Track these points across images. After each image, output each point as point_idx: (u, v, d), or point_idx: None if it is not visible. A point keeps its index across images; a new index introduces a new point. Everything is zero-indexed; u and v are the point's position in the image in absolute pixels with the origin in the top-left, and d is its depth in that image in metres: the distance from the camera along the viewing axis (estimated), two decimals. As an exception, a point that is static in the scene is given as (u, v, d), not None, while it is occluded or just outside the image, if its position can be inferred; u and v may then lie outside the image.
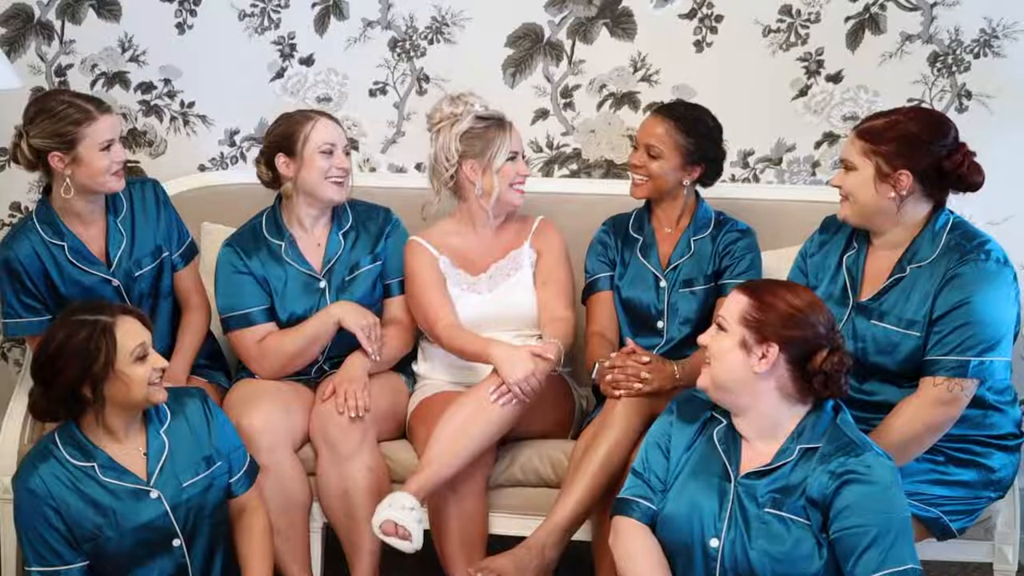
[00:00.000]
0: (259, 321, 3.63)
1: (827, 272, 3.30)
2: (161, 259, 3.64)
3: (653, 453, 2.96)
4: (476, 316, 3.60)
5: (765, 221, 3.84)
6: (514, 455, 3.55)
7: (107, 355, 2.95)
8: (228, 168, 4.32)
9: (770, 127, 4.12)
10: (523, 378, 3.37)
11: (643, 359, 3.42)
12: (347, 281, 3.66)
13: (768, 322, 2.81)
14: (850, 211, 3.19)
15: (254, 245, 3.66)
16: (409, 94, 4.23)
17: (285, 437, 3.49)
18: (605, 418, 3.37)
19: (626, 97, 4.17)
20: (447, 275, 3.64)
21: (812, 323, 2.81)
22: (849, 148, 3.18)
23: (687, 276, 3.64)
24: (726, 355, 2.83)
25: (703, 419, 2.96)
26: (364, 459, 3.48)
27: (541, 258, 3.67)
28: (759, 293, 2.85)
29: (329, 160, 3.60)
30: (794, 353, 2.81)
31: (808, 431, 2.83)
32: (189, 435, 3.11)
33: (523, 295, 3.65)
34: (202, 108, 4.32)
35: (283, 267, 3.64)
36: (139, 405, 3.04)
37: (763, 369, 2.81)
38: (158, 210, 3.65)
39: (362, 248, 3.70)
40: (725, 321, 2.85)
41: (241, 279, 3.65)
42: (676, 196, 3.67)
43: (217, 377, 3.76)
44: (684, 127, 3.58)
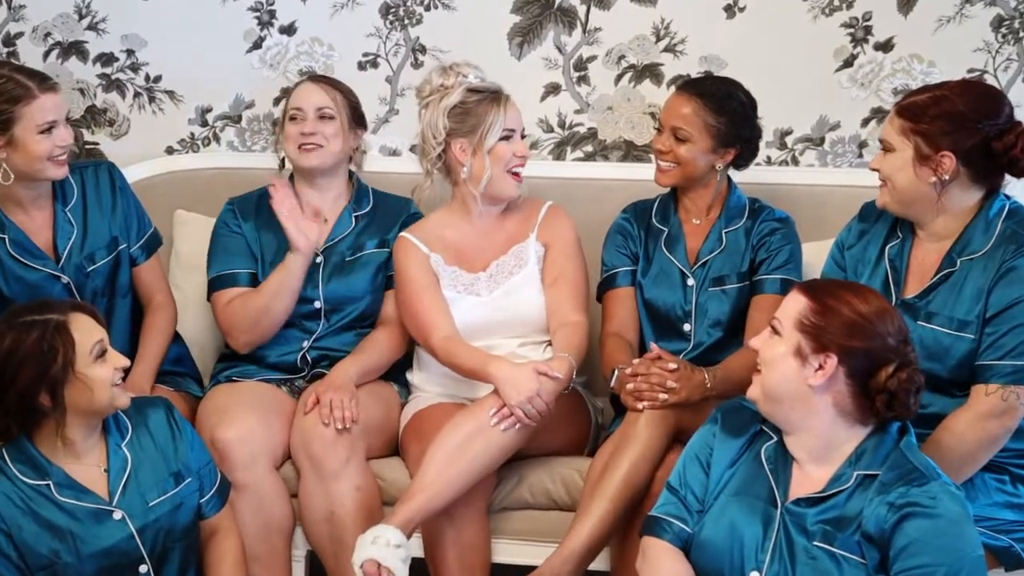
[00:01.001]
0: (241, 284, 3.71)
1: (867, 266, 3.30)
2: (118, 252, 3.64)
3: (692, 467, 2.96)
4: (476, 321, 3.58)
5: (806, 209, 3.84)
6: (522, 474, 3.55)
7: (65, 355, 2.95)
8: (199, 151, 4.33)
9: (811, 103, 4.12)
10: (526, 400, 3.35)
11: (669, 366, 3.39)
12: (347, 262, 3.73)
13: (827, 329, 2.78)
14: (888, 197, 3.20)
15: (255, 208, 3.76)
16: (403, 67, 4.23)
17: (265, 452, 3.50)
18: (626, 432, 3.35)
19: (648, 70, 4.17)
20: (440, 275, 3.61)
21: (879, 333, 2.78)
22: (888, 127, 3.18)
23: (718, 273, 3.63)
24: (778, 363, 2.81)
25: (751, 433, 2.94)
26: (352, 478, 3.49)
27: (549, 252, 3.63)
28: (820, 295, 2.82)
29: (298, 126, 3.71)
30: (855, 366, 2.78)
31: (868, 456, 2.81)
32: (154, 449, 3.12)
33: (529, 296, 3.62)
34: (170, 83, 4.33)
35: (279, 235, 3.69)
36: (102, 412, 3.05)
37: (819, 382, 2.79)
38: (114, 197, 3.64)
39: (371, 232, 3.77)
40: (780, 324, 2.83)
41: (232, 239, 3.75)
42: (707, 183, 3.67)
43: (186, 384, 3.78)
44: (714, 105, 3.57)
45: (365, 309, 3.76)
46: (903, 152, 3.14)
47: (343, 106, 3.75)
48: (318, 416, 3.50)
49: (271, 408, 3.60)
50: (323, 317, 3.74)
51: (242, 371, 3.74)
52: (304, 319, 3.74)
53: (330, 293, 3.73)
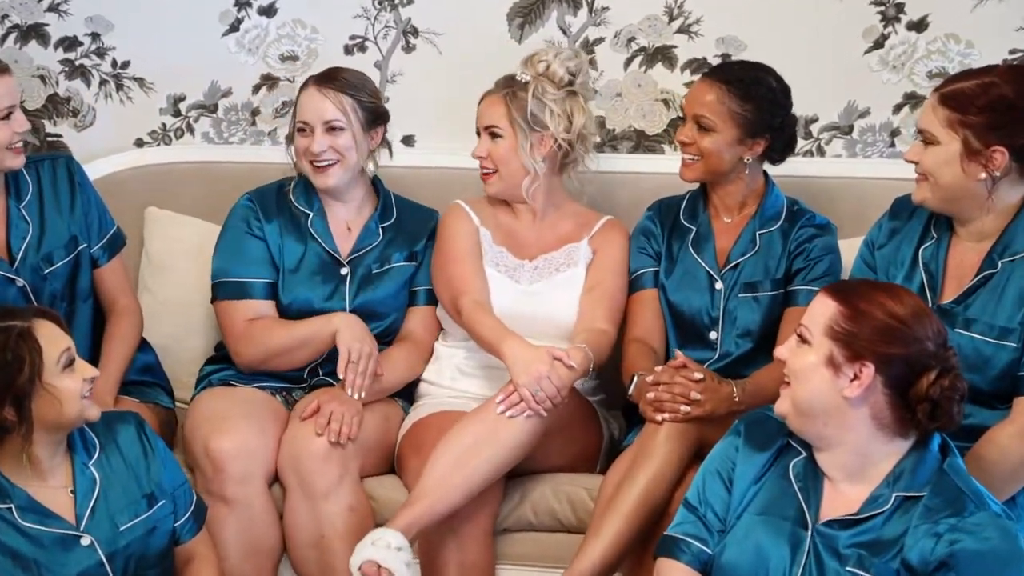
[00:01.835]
0: (256, 296, 3.71)
1: (900, 268, 3.30)
2: (77, 252, 3.64)
3: (712, 483, 2.96)
4: (506, 308, 3.63)
5: (832, 204, 3.85)
6: (525, 491, 3.55)
7: (32, 365, 2.93)
8: (172, 143, 4.32)
9: (838, 88, 4.11)
10: (534, 379, 3.37)
11: (695, 376, 3.39)
12: (374, 275, 3.76)
13: (862, 335, 2.77)
14: (929, 193, 3.19)
15: (277, 207, 3.76)
16: (393, 51, 4.22)
17: (260, 466, 3.51)
18: (643, 445, 3.35)
19: (660, 53, 4.16)
20: (486, 251, 3.71)
21: (917, 337, 2.77)
22: (930, 116, 3.16)
23: (750, 278, 3.64)
24: (809, 374, 2.80)
25: (777, 447, 2.93)
26: (344, 497, 3.49)
27: (596, 259, 3.73)
28: (851, 298, 2.81)
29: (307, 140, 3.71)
30: (894, 375, 2.77)
31: (908, 475, 2.81)
32: (124, 469, 3.11)
33: (568, 298, 3.69)
34: (139, 69, 4.30)
35: (303, 240, 3.74)
36: (70, 425, 3.03)
37: (855, 394, 2.77)
38: (72, 193, 3.64)
39: (398, 244, 3.80)
40: (808, 331, 2.82)
41: (250, 242, 3.73)
42: (736, 177, 3.66)
43: (154, 395, 3.77)
44: (739, 91, 3.57)
45: (390, 325, 3.78)
46: (949, 145, 3.13)
47: (355, 111, 3.71)
48: (312, 428, 3.50)
49: (267, 419, 3.60)
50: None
51: (238, 375, 3.74)
52: None
53: (357, 306, 3.73)
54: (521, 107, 3.64)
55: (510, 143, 3.66)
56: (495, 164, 3.68)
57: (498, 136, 3.67)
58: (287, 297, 3.71)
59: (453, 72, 4.15)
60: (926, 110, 3.19)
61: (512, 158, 3.67)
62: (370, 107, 3.74)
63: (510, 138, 3.66)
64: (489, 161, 3.69)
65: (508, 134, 3.66)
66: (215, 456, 3.44)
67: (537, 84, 3.64)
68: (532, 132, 3.64)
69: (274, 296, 3.72)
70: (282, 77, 4.26)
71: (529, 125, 3.64)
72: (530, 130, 3.64)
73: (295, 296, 3.71)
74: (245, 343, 3.68)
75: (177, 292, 3.93)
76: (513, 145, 3.66)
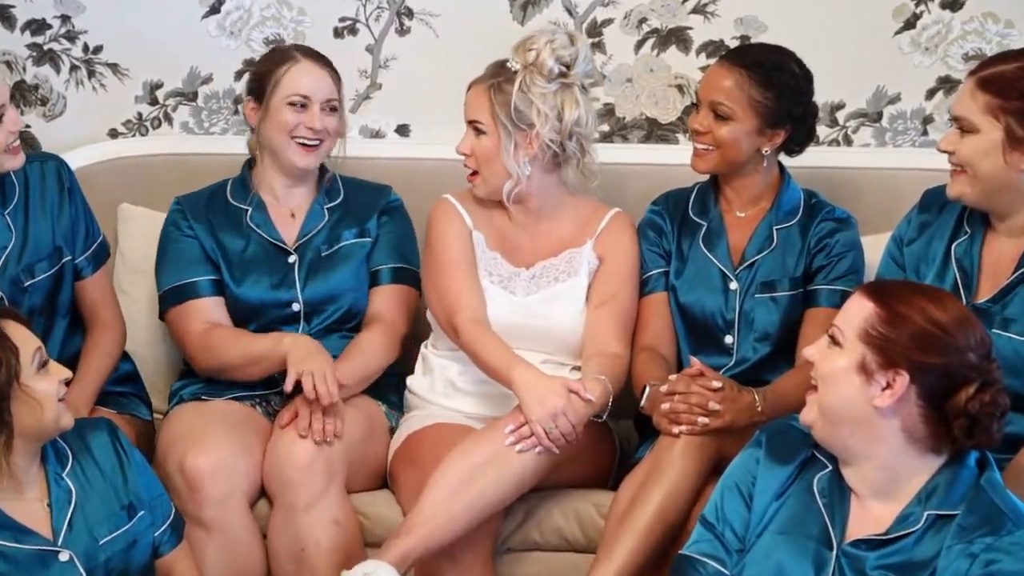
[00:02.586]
0: (202, 294, 3.73)
1: (931, 265, 3.31)
2: (61, 265, 3.64)
3: (731, 499, 2.95)
4: (502, 322, 3.59)
5: (860, 197, 3.86)
6: (530, 509, 3.55)
7: (9, 365, 2.93)
8: (148, 134, 4.31)
9: (866, 72, 4.12)
10: (549, 416, 3.35)
11: (712, 385, 3.39)
12: (324, 257, 3.75)
13: (898, 341, 2.75)
14: (968, 187, 3.20)
15: (207, 207, 3.79)
16: (387, 34, 4.22)
17: (241, 486, 3.50)
18: (658, 460, 3.35)
19: (673, 35, 4.17)
20: (479, 257, 3.66)
21: (958, 347, 2.75)
22: (967, 102, 3.16)
23: (767, 277, 3.64)
24: (839, 379, 2.79)
25: (801, 460, 2.93)
26: (329, 509, 3.48)
27: (604, 267, 3.68)
28: (889, 299, 2.80)
29: (299, 116, 3.71)
30: (930, 385, 2.76)
31: (941, 492, 2.80)
32: (101, 479, 3.10)
33: (570, 310, 3.65)
34: (113, 54, 4.28)
35: (244, 235, 3.76)
36: (48, 433, 3.02)
37: (886, 403, 2.76)
38: (61, 199, 3.64)
39: (347, 224, 3.80)
40: (840, 333, 2.80)
41: (184, 244, 3.76)
42: (753, 170, 3.66)
43: (132, 406, 3.76)
44: (760, 78, 3.56)
45: (349, 308, 3.76)
46: (990, 134, 3.13)
47: (342, 96, 3.78)
48: (293, 435, 3.49)
49: (248, 434, 3.59)
50: (303, 320, 3.74)
51: (210, 388, 3.74)
52: (282, 324, 3.73)
53: (310, 293, 3.74)
54: (505, 102, 3.53)
55: (493, 142, 3.56)
56: (478, 164, 3.60)
57: (482, 132, 3.58)
58: (236, 287, 3.73)
59: (451, 56, 4.13)
60: (962, 95, 3.18)
61: (494, 159, 3.57)
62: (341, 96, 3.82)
63: (493, 136, 3.56)
64: (472, 160, 3.61)
65: (491, 131, 3.56)
66: (191, 475, 3.43)
67: (525, 76, 3.53)
68: (517, 130, 3.54)
69: (221, 292, 3.74)
70: None
71: (513, 123, 3.53)
72: (515, 128, 3.54)
73: (242, 290, 3.73)
74: (201, 352, 3.70)
75: (154, 295, 3.85)
76: (496, 145, 3.56)
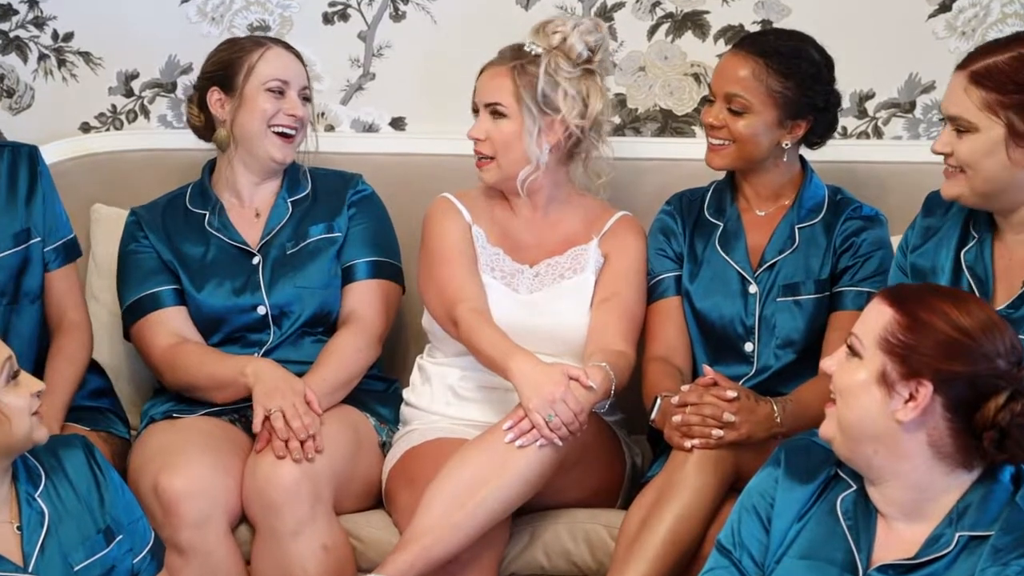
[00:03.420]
0: (164, 303, 3.74)
1: (940, 273, 3.31)
2: (28, 246, 3.64)
3: (748, 522, 2.94)
4: (504, 322, 3.61)
5: (890, 193, 3.87)
6: (535, 531, 3.56)
7: None
8: (123, 128, 4.30)
9: (898, 58, 4.14)
10: (547, 403, 3.35)
11: (727, 395, 3.39)
12: (290, 256, 3.78)
13: (920, 349, 2.73)
14: (966, 188, 3.20)
15: (163, 216, 3.81)
16: (380, 20, 4.22)
17: (220, 509, 3.50)
18: (671, 478, 3.35)
19: (689, 19, 4.17)
20: (480, 253, 3.69)
21: (986, 354, 2.73)
22: (961, 99, 3.17)
23: (789, 279, 3.64)
24: (857, 392, 2.77)
25: (823, 478, 2.92)
26: (317, 534, 3.48)
27: (608, 266, 3.71)
28: (909, 305, 2.78)
29: (277, 102, 3.72)
30: (956, 396, 2.74)
31: (974, 511, 2.78)
32: (75, 501, 3.09)
33: (575, 309, 3.67)
34: (84, 42, 4.27)
35: (203, 240, 3.79)
36: (18, 449, 3.01)
37: (909, 417, 2.74)
38: (31, 185, 3.65)
39: (314, 218, 3.83)
40: (859, 342, 2.79)
41: (141, 256, 3.79)
42: (773, 165, 3.66)
43: (107, 423, 3.74)
44: (779, 66, 3.57)
45: (319, 308, 3.76)
46: (989, 131, 3.13)
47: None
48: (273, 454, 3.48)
49: (227, 452, 3.58)
50: (272, 324, 3.75)
51: (181, 405, 3.74)
52: (248, 331, 3.76)
53: (277, 295, 3.75)
54: (531, 84, 3.59)
55: (515, 126, 3.60)
56: (494, 149, 3.63)
57: (502, 116, 3.62)
58: (196, 299, 3.74)
59: (450, 44, 4.13)
60: (954, 92, 3.18)
61: (515, 144, 3.62)
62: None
63: (515, 120, 3.60)
64: (488, 145, 3.63)
65: (513, 114, 3.60)
66: (166, 496, 3.42)
67: (550, 59, 3.59)
68: (542, 115, 3.58)
69: (184, 302, 3.75)
70: None
71: (539, 107, 3.59)
72: (540, 113, 3.58)
73: (203, 297, 3.74)
74: (168, 370, 3.72)
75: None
76: (518, 129, 3.61)
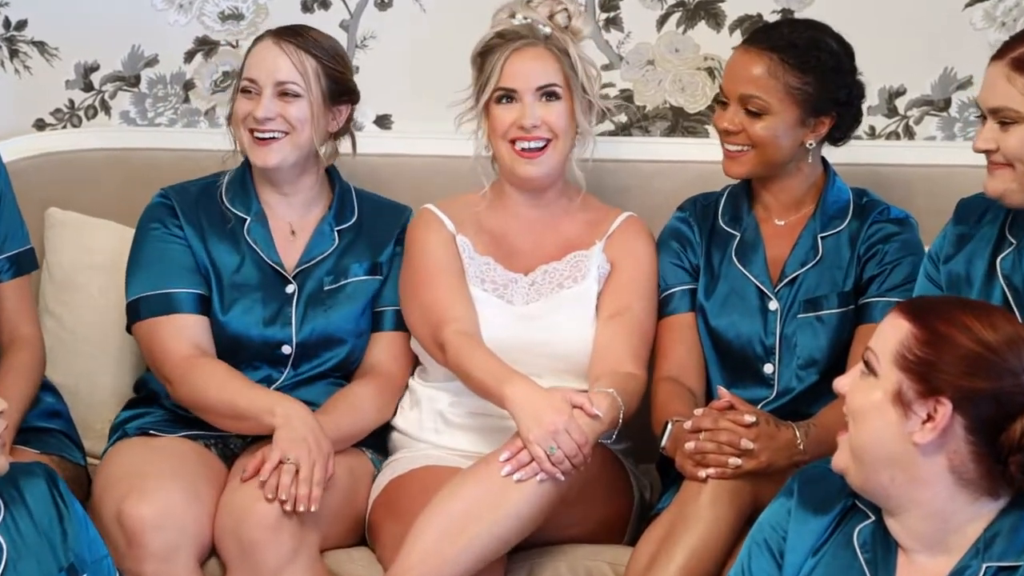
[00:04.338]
0: (185, 309, 3.70)
1: (973, 285, 3.34)
2: None
3: (759, 557, 2.92)
4: (498, 339, 3.61)
5: (922, 198, 3.87)
6: (534, 567, 3.54)
7: None
8: (82, 125, 4.28)
9: (931, 52, 4.13)
10: (548, 434, 3.33)
11: (745, 419, 3.38)
12: (327, 292, 3.76)
13: (939, 365, 2.71)
14: (1014, 183, 3.22)
15: (200, 204, 3.78)
16: (365, 7, 4.22)
17: (189, 538, 3.47)
18: (684, 510, 3.34)
19: (703, 8, 4.18)
20: (467, 265, 3.69)
21: (1011, 370, 2.71)
22: (1005, 89, 3.19)
23: (812, 294, 3.65)
24: (870, 414, 2.75)
25: (839, 509, 2.89)
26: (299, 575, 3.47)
27: (615, 275, 3.69)
28: (928, 318, 2.76)
29: (249, 103, 3.72)
30: (979, 417, 2.71)
31: (1002, 541, 2.75)
32: (35, 535, 3.04)
33: (577, 320, 3.67)
34: (39, 31, 4.26)
35: (238, 250, 3.76)
36: None
37: (927, 439, 2.71)
38: None
39: (358, 253, 3.81)
40: (874, 358, 2.76)
41: (170, 246, 3.74)
42: (796, 169, 3.68)
43: (60, 446, 3.72)
44: (796, 60, 3.57)
45: (345, 358, 3.77)
46: None
47: (318, 76, 3.71)
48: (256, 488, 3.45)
49: (200, 477, 3.57)
50: (290, 366, 3.74)
51: (159, 422, 3.73)
52: (266, 362, 3.75)
53: (307, 335, 3.74)
54: (571, 64, 3.63)
55: (567, 107, 3.65)
56: (553, 131, 3.63)
57: (557, 98, 3.65)
58: (219, 319, 3.71)
59: (440, 34, 4.10)
60: (994, 84, 3.19)
61: (570, 127, 3.66)
62: (337, 76, 3.73)
63: (567, 101, 3.65)
64: (544, 129, 3.63)
65: (566, 95, 3.65)
66: (131, 524, 3.38)
67: (568, 38, 3.65)
68: (584, 94, 3.66)
69: (207, 312, 3.71)
70: (222, 41, 4.18)
71: (582, 85, 3.65)
72: (582, 91, 3.66)
73: (228, 319, 3.71)
74: (181, 381, 3.65)
75: (88, 317, 3.87)
76: (571, 109, 3.65)
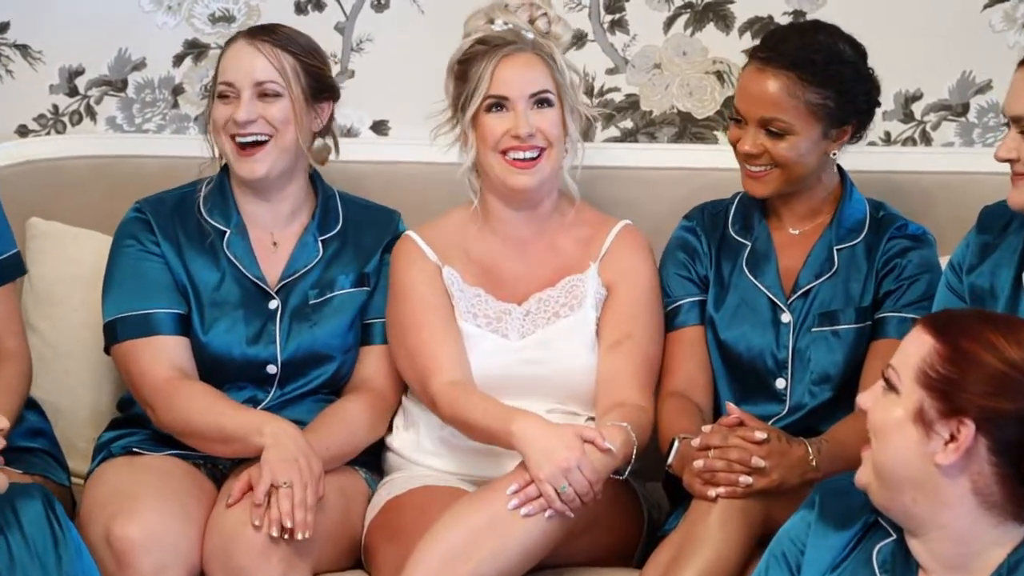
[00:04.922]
0: (164, 331, 3.68)
1: (998, 297, 3.35)
2: None
3: (776, 570, 2.93)
4: (496, 373, 3.60)
5: (941, 208, 3.87)
6: None
7: None
8: (66, 131, 4.28)
9: (949, 55, 4.13)
10: (560, 472, 3.31)
11: (756, 436, 3.36)
12: (312, 306, 3.73)
13: (963, 384, 2.69)
14: None
15: (176, 217, 3.76)
16: (361, 9, 4.22)
17: (179, 560, 3.46)
18: (692, 530, 3.34)
19: (711, 9, 4.18)
20: (456, 298, 3.65)
21: None
22: None
23: (826, 307, 3.64)
24: (891, 433, 2.74)
25: (861, 525, 2.88)
26: None
27: (614, 299, 3.67)
28: (952, 333, 2.74)
29: (227, 108, 3.69)
30: (1004, 438, 2.70)
31: None
32: (28, 558, 3.07)
33: (576, 350, 3.64)
34: (22, 34, 4.26)
35: (217, 265, 3.73)
36: None
37: (949, 460, 2.70)
38: None
39: (344, 264, 3.78)
40: (896, 375, 2.75)
41: (144, 265, 3.72)
42: (817, 180, 3.68)
43: (43, 466, 3.73)
44: (813, 76, 3.56)
45: (333, 375, 3.76)
46: None
47: (296, 74, 3.69)
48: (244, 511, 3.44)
49: (189, 497, 3.55)
50: (276, 385, 3.72)
51: (145, 440, 3.71)
52: (250, 382, 3.73)
53: (292, 352, 3.72)
54: (559, 70, 3.62)
55: (557, 115, 3.63)
56: (547, 139, 3.60)
57: (549, 105, 3.62)
58: (200, 339, 3.70)
59: (439, 37, 3.99)
60: (1020, 91, 3.19)
61: (562, 134, 3.64)
62: (317, 73, 3.71)
63: (558, 108, 3.63)
64: (540, 137, 3.60)
65: (556, 102, 3.63)
66: (119, 546, 3.37)
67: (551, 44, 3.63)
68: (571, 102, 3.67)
69: (187, 332, 3.69)
70: (212, 44, 4.17)
71: (570, 92, 3.64)
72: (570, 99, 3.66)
73: (210, 339, 3.70)
74: (164, 406, 3.63)
75: (71, 332, 3.85)
76: (563, 117, 3.64)
